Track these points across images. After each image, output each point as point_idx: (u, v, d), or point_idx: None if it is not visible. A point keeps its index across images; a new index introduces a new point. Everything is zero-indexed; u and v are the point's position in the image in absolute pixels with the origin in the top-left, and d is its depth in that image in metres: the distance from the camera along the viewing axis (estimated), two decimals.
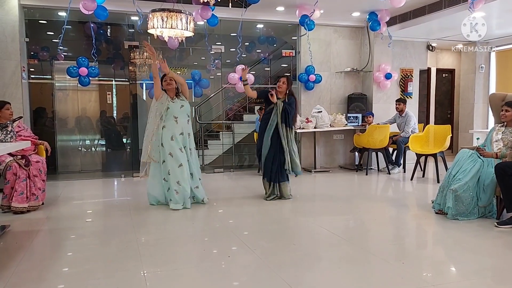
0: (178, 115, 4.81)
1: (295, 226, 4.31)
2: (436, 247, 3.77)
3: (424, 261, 3.32)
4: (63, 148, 8.17)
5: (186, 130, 4.86)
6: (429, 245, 3.89)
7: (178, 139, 4.77)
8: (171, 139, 4.74)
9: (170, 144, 4.73)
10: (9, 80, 6.21)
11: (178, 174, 4.72)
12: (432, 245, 3.85)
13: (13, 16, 6.19)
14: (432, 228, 4.24)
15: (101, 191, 6.36)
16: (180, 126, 4.82)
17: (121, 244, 3.64)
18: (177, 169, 4.72)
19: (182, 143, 4.80)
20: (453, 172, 4.35)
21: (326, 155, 8.13)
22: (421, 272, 3.00)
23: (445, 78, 10.29)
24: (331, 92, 8.14)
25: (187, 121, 4.92)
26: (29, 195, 4.66)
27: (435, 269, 3.10)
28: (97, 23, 7.16)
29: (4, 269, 3.00)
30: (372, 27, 7.38)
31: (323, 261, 3.24)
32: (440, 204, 4.42)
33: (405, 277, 2.86)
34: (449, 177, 4.37)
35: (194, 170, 4.94)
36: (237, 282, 2.86)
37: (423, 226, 4.38)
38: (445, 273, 3.06)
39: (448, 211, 4.24)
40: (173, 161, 4.72)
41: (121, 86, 8.67)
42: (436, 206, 4.50)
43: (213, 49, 7.98)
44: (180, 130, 4.81)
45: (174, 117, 4.80)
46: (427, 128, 7.00)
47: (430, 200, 4.89)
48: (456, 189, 4.15)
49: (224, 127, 9.30)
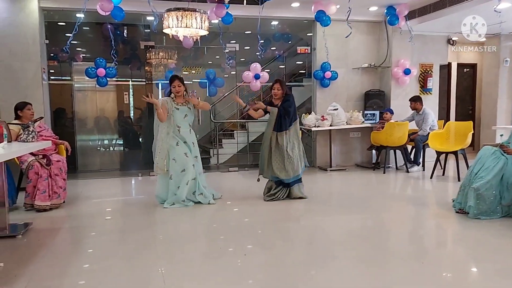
0: (180, 125, 4.89)
1: (311, 225, 4.29)
2: (456, 246, 3.70)
3: (444, 261, 3.25)
4: (83, 147, 8.30)
5: (189, 139, 4.94)
6: (449, 244, 3.82)
7: (182, 145, 4.87)
8: (176, 144, 4.84)
9: (175, 150, 4.82)
10: (30, 82, 6.32)
11: (180, 179, 4.80)
12: (452, 245, 3.79)
13: (33, 19, 6.30)
14: (452, 228, 4.17)
15: (119, 190, 6.44)
16: (183, 135, 4.90)
17: (139, 241, 3.69)
18: (179, 174, 4.80)
19: (187, 149, 4.89)
20: (475, 170, 4.25)
21: (342, 153, 8.05)
22: (441, 272, 2.95)
23: (467, 73, 10.09)
24: (347, 89, 8.06)
25: (189, 131, 4.98)
26: (51, 194, 4.75)
27: (455, 269, 3.04)
28: (113, 24, 7.24)
29: (27, 265, 3.08)
30: (390, 22, 7.27)
31: (339, 261, 3.21)
32: (461, 203, 4.33)
33: (424, 277, 2.82)
34: (470, 175, 4.27)
35: (198, 177, 4.97)
36: (252, 280, 2.86)
37: (443, 225, 4.30)
38: (466, 273, 3.01)
39: (470, 210, 4.14)
40: (177, 166, 4.80)
41: (138, 86, 8.76)
42: (456, 205, 4.41)
43: (228, 47, 7.98)
44: (183, 139, 4.90)
45: (177, 126, 4.88)
46: (448, 125, 6.87)
47: (451, 199, 4.78)
48: (478, 188, 4.06)
49: (239, 126, 9.30)
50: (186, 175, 4.80)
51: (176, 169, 4.80)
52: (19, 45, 6.24)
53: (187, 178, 4.82)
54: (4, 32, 6.15)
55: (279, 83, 5.12)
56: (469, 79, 10.15)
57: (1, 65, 6.11)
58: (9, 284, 2.76)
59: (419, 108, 7.25)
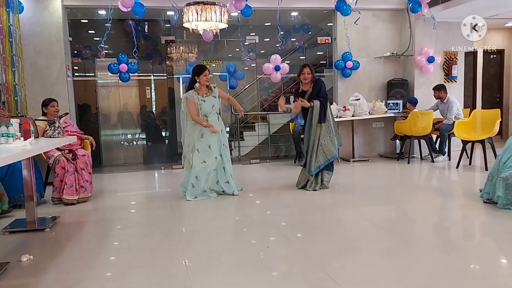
0: (208, 114, 4.89)
1: (334, 217, 4.26)
2: (485, 238, 3.61)
3: (472, 252, 3.16)
4: (107, 142, 8.45)
5: (218, 127, 4.92)
6: (477, 236, 3.74)
7: (208, 137, 4.85)
8: (201, 136, 4.84)
9: (199, 141, 4.84)
10: (55, 79, 6.46)
11: (199, 170, 4.82)
12: (480, 236, 3.70)
13: (57, 17, 6.41)
14: (480, 218, 4.07)
15: (143, 183, 6.54)
16: (211, 124, 4.86)
17: (163, 234, 3.74)
18: (200, 165, 4.82)
19: (211, 140, 4.85)
20: (503, 159, 4.14)
21: (365, 144, 7.95)
22: (468, 264, 2.88)
23: (494, 60, 9.81)
24: (369, 79, 7.94)
25: (217, 118, 4.99)
26: (78, 188, 4.86)
27: (484, 261, 2.95)
28: (135, 19, 7.31)
29: (55, 258, 3.16)
30: (413, 9, 7.10)
31: (364, 253, 3.17)
32: (489, 193, 4.22)
33: (451, 269, 2.76)
34: (498, 165, 4.16)
35: (226, 165, 5.00)
36: (276, 272, 2.87)
37: (471, 216, 4.21)
38: (494, 265, 2.93)
39: (498, 200, 4.03)
40: (198, 157, 4.83)
41: (160, 81, 8.84)
42: (484, 195, 4.30)
43: (247, 40, 7.96)
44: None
45: (205, 116, 4.87)
46: (474, 113, 6.69)
47: (478, 189, 4.68)
48: (507, 177, 3.94)
49: (260, 118, 9.29)
50: (206, 167, 4.84)
51: (197, 160, 4.83)
52: (44, 43, 6.38)
53: (207, 170, 4.86)
54: (29, 31, 6.29)
55: (309, 67, 5.09)
56: (496, 66, 9.86)
57: (27, 63, 6.24)
58: (38, 276, 2.84)
59: (443, 97, 7.09)
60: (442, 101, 7.13)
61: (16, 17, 5.69)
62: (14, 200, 4.57)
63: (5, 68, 5.32)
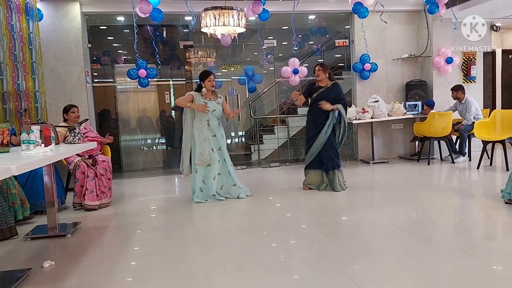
0: (209, 118, 4.98)
1: (354, 219, 4.24)
2: (507, 238, 3.55)
3: (494, 253, 3.13)
4: (127, 147, 8.55)
5: (219, 133, 5.04)
6: (499, 236, 3.68)
7: (210, 140, 4.95)
8: (203, 140, 4.94)
9: (201, 145, 4.93)
10: (75, 85, 6.56)
11: (205, 173, 4.94)
12: (502, 237, 3.64)
13: (76, 24, 6.53)
14: (502, 219, 4.00)
15: (162, 188, 6.61)
16: (212, 129, 4.99)
17: (183, 238, 3.77)
18: (205, 168, 4.93)
19: (214, 144, 4.98)
20: None
21: (384, 145, 7.89)
22: (491, 265, 2.85)
23: None
24: (387, 80, 7.88)
25: (218, 124, 5.07)
26: (99, 193, 4.92)
27: (507, 261, 2.91)
28: (153, 25, 7.40)
29: (77, 263, 3.21)
30: (430, 10, 7.02)
31: (384, 255, 3.15)
32: (510, 194, 4.16)
33: (473, 270, 2.73)
34: None
35: (230, 169, 5.10)
36: (297, 275, 2.86)
37: (492, 216, 4.14)
38: None
39: None
40: (202, 160, 4.93)
41: (178, 86, 8.92)
42: (506, 195, 4.23)
43: (265, 43, 7.98)
44: (212, 133, 4.99)
45: (207, 120, 4.97)
46: (494, 113, 6.58)
47: (499, 189, 4.61)
48: None
49: (279, 121, 9.30)
50: (212, 170, 4.94)
51: (202, 163, 4.93)
52: (63, 49, 6.48)
53: (214, 173, 4.95)
54: (48, 37, 6.40)
55: (320, 66, 5.27)
56: None
57: (47, 69, 6.34)
58: (60, 281, 2.88)
59: (461, 98, 7.02)
60: (460, 101, 7.05)
61: (36, 25, 5.81)
62: (35, 207, 4.64)
63: (25, 75, 5.43)
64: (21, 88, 5.34)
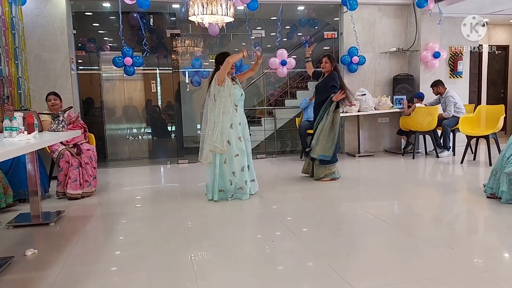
0: (238, 104, 4.59)
1: (339, 212, 4.27)
2: (488, 232, 3.62)
3: (475, 247, 3.19)
4: (112, 136, 8.46)
5: (244, 120, 4.69)
6: (480, 230, 3.74)
7: (237, 127, 4.55)
8: (230, 127, 4.51)
9: (229, 132, 4.50)
10: (59, 72, 6.44)
11: (234, 164, 4.54)
12: (484, 231, 3.70)
13: (60, 9, 6.38)
14: (484, 213, 4.07)
15: (148, 178, 6.56)
16: (239, 115, 4.61)
17: (169, 228, 3.75)
18: (233, 159, 4.52)
19: (241, 132, 4.59)
20: (507, 154, 4.14)
21: (370, 139, 7.94)
22: (472, 258, 2.89)
23: (498, 56, 9.75)
24: (375, 74, 7.91)
25: (243, 111, 4.74)
26: (82, 182, 4.87)
27: (487, 255, 2.98)
28: (140, 12, 7.29)
29: (60, 252, 3.17)
30: (419, 4, 7.07)
31: (368, 247, 3.19)
32: (492, 188, 4.23)
33: (455, 263, 2.77)
34: (502, 160, 4.16)
35: (250, 162, 4.73)
36: (281, 266, 2.88)
37: (474, 210, 4.21)
38: (498, 259, 2.93)
39: (502, 196, 4.04)
40: (231, 149, 4.51)
41: (165, 75, 8.83)
42: (488, 190, 4.30)
43: (254, 34, 7.94)
44: (239, 120, 4.59)
45: (235, 105, 4.57)
46: (479, 109, 6.67)
47: (482, 184, 4.69)
48: (511, 172, 3.95)
49: (266, 113, 9.28)
50: (241, 160, 4.55)
51: (231, 153, 4.50)
52: (48, 35, 6.35)
53: (242, 164, 4.56)
54: (32, 23, 6.25)
55: (327, 57, 5.41)
56: (501, 62, 9.81)
57: (31, 55, 6.21)
58: (43, 270, 2.85)
59: (442, 91, 7.19)
60: (442, 95, 7.16)
61: (19, 8, 5.66)
62: (18, 194, 4.58)
63: (8, 60, 5.29)
64: (4, 73, 5.21)
